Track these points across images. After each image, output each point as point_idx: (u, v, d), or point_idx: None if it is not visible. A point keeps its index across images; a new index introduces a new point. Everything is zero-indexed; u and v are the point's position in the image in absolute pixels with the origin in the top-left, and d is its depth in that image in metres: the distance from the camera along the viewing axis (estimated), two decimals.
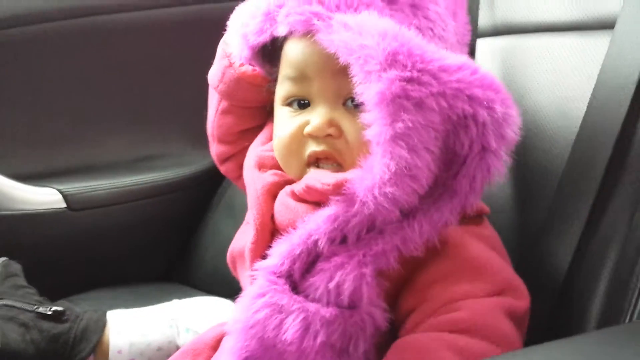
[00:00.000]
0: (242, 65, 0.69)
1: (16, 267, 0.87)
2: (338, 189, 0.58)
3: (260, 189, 0.65)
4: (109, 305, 0.86)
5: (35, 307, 0.81)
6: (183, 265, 1.18)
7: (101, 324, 0.81)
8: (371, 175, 0.55)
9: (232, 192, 1.14)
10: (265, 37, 0.63)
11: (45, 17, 1.03)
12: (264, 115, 0.73)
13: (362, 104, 0.60)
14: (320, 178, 0.60)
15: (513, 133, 0.58)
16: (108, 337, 0.81)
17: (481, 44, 0.81)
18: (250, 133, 0.73)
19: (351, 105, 0.61)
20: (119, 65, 1.10)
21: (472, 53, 0.80)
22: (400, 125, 0.54)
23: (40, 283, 0.87)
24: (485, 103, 0.56)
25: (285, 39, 0.63)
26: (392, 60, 0.54)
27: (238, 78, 0.69)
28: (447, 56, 0.56)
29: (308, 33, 0.59)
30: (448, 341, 0.55)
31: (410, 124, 0.54)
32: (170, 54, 1.13)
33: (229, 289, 0.83)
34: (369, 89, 0.55)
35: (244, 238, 0.68)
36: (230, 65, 0.69)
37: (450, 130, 0.56)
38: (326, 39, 0.57)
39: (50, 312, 0.81)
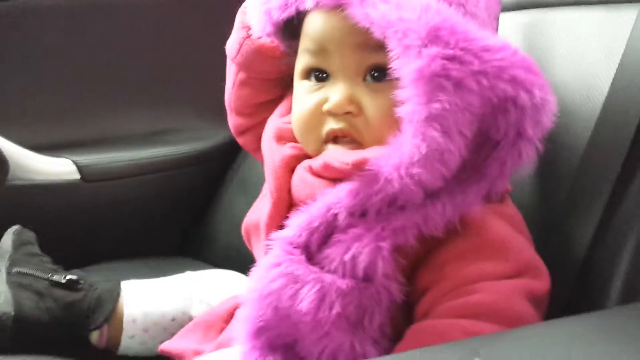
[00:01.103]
0: (260, 37, 0.68)
1: (30, 235, 0.88)
2: (357, 168, 0.57)
3: (279, 161, 0.64)
4: (122, 277, 0.87)
5: (50, 275, 0.82)
6: (196, 240, 1.19)
7: (115, 294, 0.81)
8: (399, 154, 0.54)
9: (246, 168, 1.13)
10: (290, 12, 0.61)
11: None
12: (283, 87, 0.72)
13: (384, 78, 0.59)
14: (339, 156, 0.59)
15: (549, 120, 0.56)
16: (122, 307, 0.81)
17: (504, 18, 0.79)
18: (269, 105, 0.72)
19: (370, 79, 0.60)
20: (135, 37, 1.10)
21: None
22: (436, 105, 0.52)
23: (53, 254, 0.87)
24: (527, 86, 0.54)
25: (306, 12, 0.61)
26: (434, 36, 0.53)
27: (256, 50, 0.68)
28: (488, 36, 0.55)
29: (337, 7, 0.57)
30: (466, 328, 0.54)
31: (447, 105, 0.52)
32: (186, 27, 1.13)
33: (242, 265, 0.82)
34: (406, 65, 0.53)
35: (260, 210, 0.67)
36: (248, 36, 0.68)
37: (488, 113, 0.55)
38: (360, 13, 0.55)
39: (64, 281, 0.81)
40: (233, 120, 0.77)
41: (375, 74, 0.60)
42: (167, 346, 0.77)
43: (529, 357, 0.40)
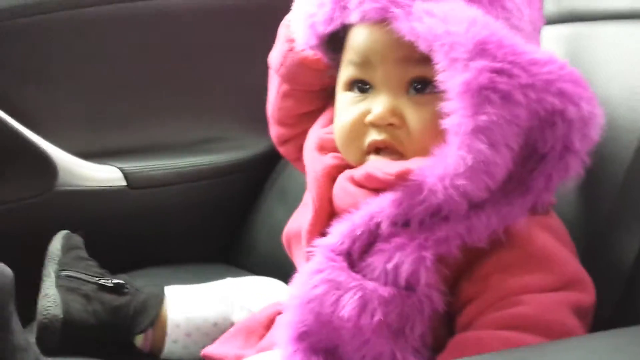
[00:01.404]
0: (303, 50, 0.68)
1: (78, 239, 0.90)
2: (400, 179, 0.57)
3: (320, 171, 0.65)
4: (165, 282, 0.88)
5: (97, 279, 0.84)
6: (235, 247, 1.20)
7: (160, 299, 0.83)
8: (444, 165, 0.54)
9: (285, 177, 1.14)
10: (335, 25, 0.62)
11: None
12: (325, 99, 0.73)
13: (426, 91, 0.59)
14: (382, 167, 0.59)
15: (596, 133, 0.56)
16: (166, 312, 0.82)
17: (546, 31, 0.79)
18: (310, 116, 0.73)
19: (414, 92, 0.60)
20: (182, 49, 1.12)
21: None
22: (483, 118, 0.52)
23: (99, 258, 0.89)
24: (575, 99, 0.54)
25: (351, 25, 0.62)
26: (480, 50, 0.53)
27: (299, 62, 0.69)
28: (535, 49, 0.55)
29: (383, 21, 0.58)
30: (510, 340, 0.53)
31: (494, 118, 0.52)
32: (231, 39, 1.14)
33: (280, 272, 0.84)
34: (453, 78, 0.54)
35: (301, 219, 0.68)
36: (292, 49, 0.69)
37: (535, 126, 0.55)
38: (405, 26, 0.56)
39: (111, 285, 0.83)
40: (275, 131, 0.78)
41: (418, 87, 0.60)
42: (209, 351, 0.78)
43: None
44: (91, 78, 1.07)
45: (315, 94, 0.73)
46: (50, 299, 0.81)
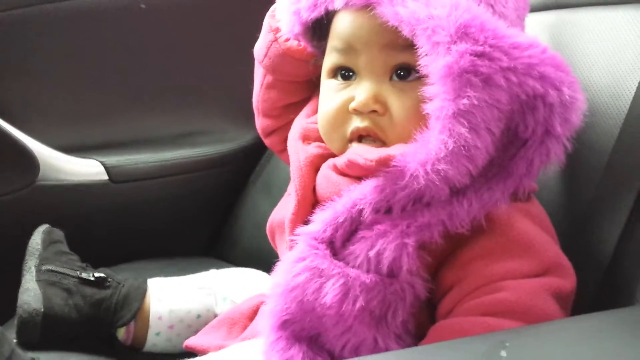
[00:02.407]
0: (287, 40, 0.68)
1: (59, 234, 0.89)
2: (381, 165, 0.57)
3: (304, 160, 0.65)
4: (149, 276, 0.88)
5: (78, 272, 0.83)
6: (220, 240, 1.20)
7: (142, 291, 0.82)
8: (425, 150, 0.54)
9: (269, 170, 1.14)
10: (319, 12, 0.62)
11: None
12: (309, 89, 0.73)
13: (410, 78, 0.59)
14: (363, 153, 0.59)
15: (577, 118, 0.56)
16: (149, 304, 0.82)
17: (530, 19, 0.80)
18: (295, 107, 0.73)
19: (397, 78, 0.60)
20: (163, 41, 1.11)
21: None
22: (464, 101, 0.52)
23: (81, 253, 0.88)
24: (556, 83, 0.54)
25: (335, 11, 0.62)
26: (462, 33, 0.53)
27: (283, 53, 0.69)
28: (517, 33, 0.55)
29: (367, 6, 0.58)
30: (491, 326, 0.53)
31: (475, 102, 0.52)
32: (214, 31, 1.14)
33: (265, 265, 0.83)
34: (435, 61, 0.53)
35: (284, 209, 0.68)
36: (276, 40, 0.69)
37: (516, 110, 0.55)
38: (389, 11, 0.56)
39: (93, 278, 0.82)
40: (260, 122, 0.78)
41: (402, 73, 0.60)
42: (192, 342, 0.77)
43: (555, 349, 0.40)
44: (72, 72, 1.06)
45: (299, 85, 0.73)
46: (30, 293, 0.80)
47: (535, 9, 0.80)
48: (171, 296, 0.83)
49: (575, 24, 0.75)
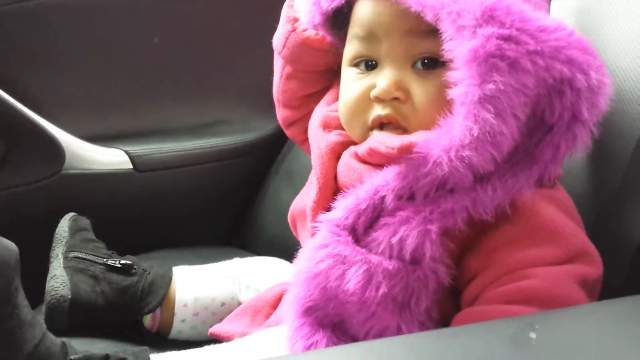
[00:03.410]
0: (305, 30, 0.68)
1: (85, 222, 0.91)
2: (403, 152, 0.56)
3: (325, 148, 0.65)
4: (172, 264, 0.89)
5: (105, 259, 0.84)
6: (243, 229, 1.20)
7: (167, 279, 0.83)
8: (450, 137, 0.53)
9: (291, 159, 1.14)
10: (339, 1, 0.62)
11: None
12: (329, 78, 0.72)
13: (434, 66, 0.58)
14: (384, 141, 0.58)
15: (604, 103, 0.55)
16: (174, 292, 0.83)
17: (555, 5, 0.78)
18: (316, 97, 0.73)
19: (420, 67, 0.59)
20: (186, 31, 1.12)
21: None
22: (490, 86, 0.51)
23: (107, 241, 0.90)
24: (584, 67, 0.53)
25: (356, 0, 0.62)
26: (489, 16, 0.52)
27: (302, 43, 0.69)
28: (544, 16, 0.54)
29: None
30: (517, 314, 0.53)
31: (501, 87, 0.51)
32: (236, 20, 1.14)
33: (287, 254, 0.83)
34: (460, 46, 0.53)
35: (305, 197, 0.68)
36: (294, 30, 0.69)
37: (543, 95, 0.54)
38: None
39: (119, 265, 0.83)
40: (281, 113, 0.78)
41: (426, 61, 0.59)
42: (217, 330, 0.78)
43: (584, 331, 0.40)
44: (98, 62, 1.07)
45: (318, 75, 0.72)
46: (58, 279, 0.81)
47: None
48: (196, 284, 0.84)
49: (601, 9, 0.74)
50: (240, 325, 0.76)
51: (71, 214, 0.91)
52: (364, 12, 0.61)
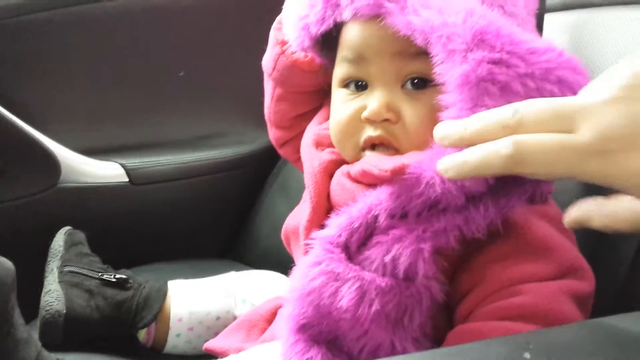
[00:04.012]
0: (294, 52, 0.68)
1: (81, 236, 0.91)
2: (396, 174, 0.56)
3: (317, 167, 0.65)
4: (168, 277, 0.89)
5: (100, 274, 0.84)
6: (238, 242, 1.21)
7: (162, 293, 0.83)
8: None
9: (287, 172, 1.15)
10: (328, 25, 0.62)
11: None
12: (320, 98, 0.72)
13: (423, 86, 0.59)
14: (377, 163, 0.59)
15: None
16: (169, 306, 0.83)
17: (549, 19, 0.79)
18: (307, 116, 0.73)
19: (410, 87, 0.60)
20: (183, 45, 1.12)
21: (539, 29, 0.78)
22: (482, 110, 0.51)
23: (102, 254, 0.90)
24: (574, 87, 0.53)
25: (344, 22, 0.62)
26: (479, 40, 0.52)
27: (291, 65, 0.69)
28: (533, 38, 0.54)
29: (377, 16, 0.57)
30: (510, 330, 0.53)
31: None
32: (231, 33, 1.14)
33: (282, 267, 0.84)
34: (451, 70, 0.53)
35: (299, 215, 0.68)
36: (283, 52, 0.69)
37: None
38: (400, 21, 0.55)
39: (114, 280, 0.83)
40: (273, 133, 0.78)
41: (415, 81, 0.59)
42: (212, 345, 0.78)
43: (578, 350, 0.40)
44: (92, 75, 1.08)
45: (309, 95, 0.72)
46: (53, 294, 0.81)
47: (555, 8, 0.80)
48: (191, 298, 0.84)
49: (595, 23, 0.75)
50: (235, 340, 0.76)
51: (66, 227, 0.91)
52: (352, 35, 0.61)
